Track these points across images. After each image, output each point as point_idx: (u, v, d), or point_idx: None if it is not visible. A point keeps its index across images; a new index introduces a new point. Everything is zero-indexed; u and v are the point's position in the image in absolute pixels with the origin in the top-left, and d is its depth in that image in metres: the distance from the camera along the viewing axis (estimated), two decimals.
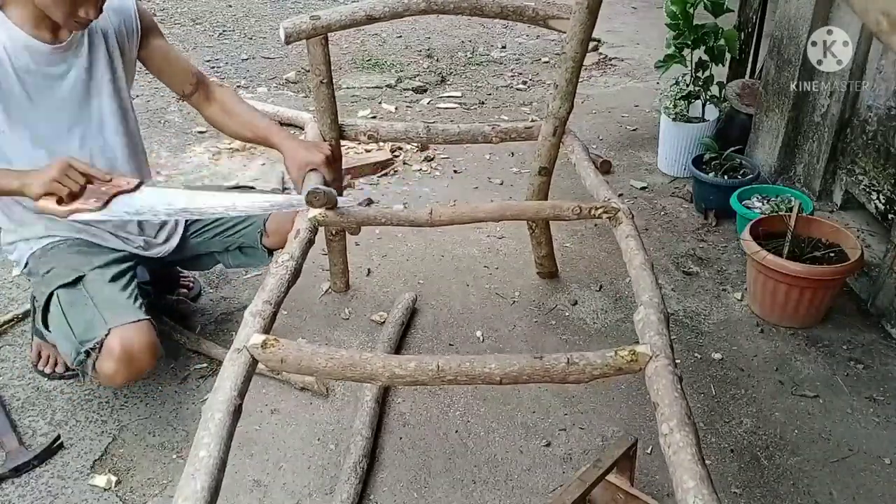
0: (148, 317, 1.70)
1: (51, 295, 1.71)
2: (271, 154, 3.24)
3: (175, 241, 1.96)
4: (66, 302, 1.69)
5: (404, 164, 3.21)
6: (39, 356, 2.00)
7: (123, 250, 1.86)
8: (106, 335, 1.61)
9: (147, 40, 1.84)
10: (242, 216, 1.96)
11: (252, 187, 2.12)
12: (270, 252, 2.00)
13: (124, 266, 1.82)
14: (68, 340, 1.66)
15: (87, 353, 1.63)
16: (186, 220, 1.99)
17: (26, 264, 1.80)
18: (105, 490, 1.68)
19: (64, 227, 1.79)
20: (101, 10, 1.62)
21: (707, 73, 2.94)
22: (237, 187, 2.09)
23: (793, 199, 2.48)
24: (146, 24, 1.84)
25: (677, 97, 2.98)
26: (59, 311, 1.69)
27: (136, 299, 1.74)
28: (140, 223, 1.90)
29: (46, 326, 1.75)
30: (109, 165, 1.82)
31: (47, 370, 1.97)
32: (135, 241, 1.88)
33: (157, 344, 1.69)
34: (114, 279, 1.75)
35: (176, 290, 2.31)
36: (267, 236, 1.96)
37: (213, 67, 4.32)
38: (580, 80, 1.91)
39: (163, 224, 1.95)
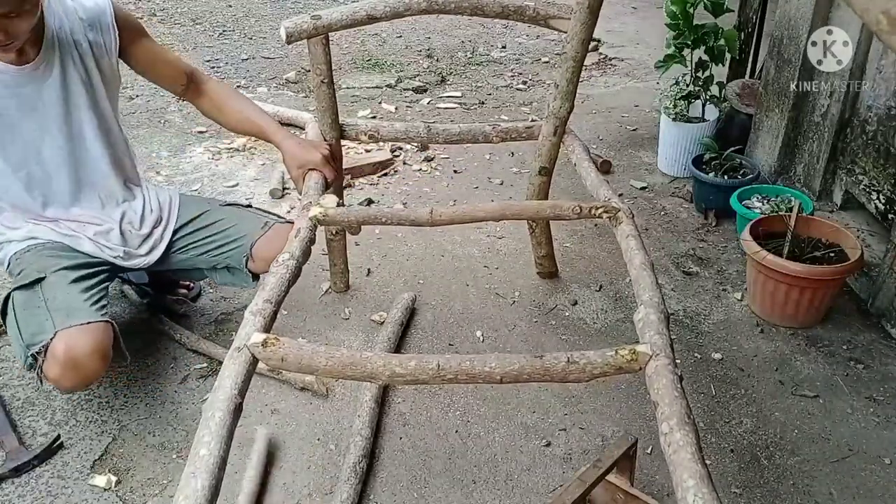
0: (104, 319, 1.65)
1: (8, 297, 1.69)
2: (271, 154, 3.24)
3: (157, 254, 1.93)
4: (20, 304, 1.66)
5: (404, 164, 3.21)
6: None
7: (99, 258, 1.83)
8: (52, 339, 1.57)
9: (130, 44, 1.81)
10: (230, 239, 1.93)
11: (249, 205, 2.10)
12: (255, 277, 1.95)
13: (95, 270, 1.79)
14: (18, 344, 1.63)
15: (35, 358, 1.59)
16: (173, 234, 1.95)
17: (8, 264, 1.80)
18: (105, 490, 1.68)
19: (45, 230, 1.80)
20: (13, 35, 1.54)
21: (707, 73, 2.94)
22: (232, 204, 2.05)
23: (793, 199, 2.48)
24: (127, 26, 1.80)
25: (677, 97, 2.98)
26: (12, 314, 1.67)
27: (96, 302, 1.69)
28: (122, 233, 1.88)
29: (5, 325, 1.72)
30: (91, 177, 1.83)
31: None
32: (114, 251, 1.86)
33: (106, 348, 1.62)
34: (77, 280, 1.71)
35: (175, 290, 2.31)
36: (252, 261, 1.91)
37: (213, 67, 4.32)
38: (580, 80, 1.91)
39: (147, 235, 1.92)
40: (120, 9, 1.81)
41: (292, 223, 1.94)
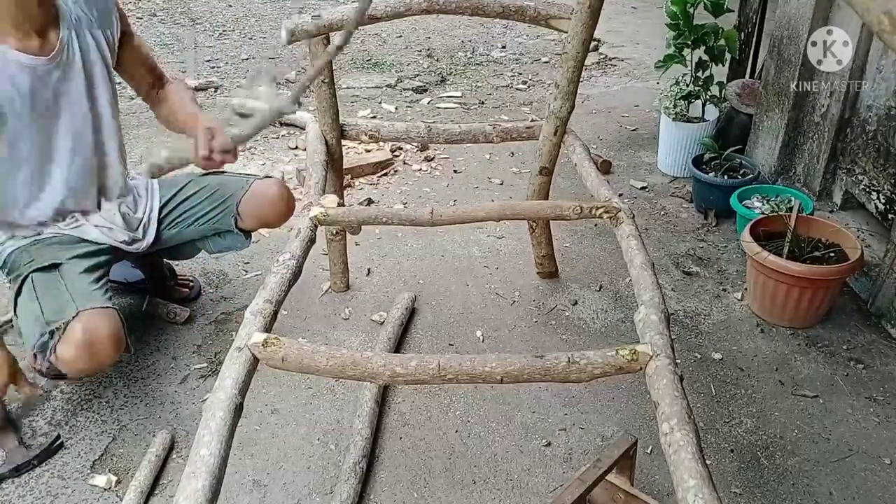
0: (116, 307, 1.69)
1: (25, 278, 1.71)
2: (272, 154, 3.25)
3: (152, 235, 1.96)
4: (40, 283, 1.69)
5: (404, 164, 3.21)
6: (35, 357, 2.00)
7: (104, 243, 1.86)
8: (73, 318, 1.60)
9: (123, 35, 1.83)
10: (215, 203, 1.97)
11: (223, 171, 2.09)
12: (248, 234, 2.01)
13: (100, 259, 1.83)
14: (36, 321, 1.64)
15: (52, 335, 1.62)
16: (160, 212, 1.99)
17: (5, 263, 1.79)
18: (105, 490, 1.68)
19: (54, 228, 1.81)
20: None
21: (707, 73, 2.94)
22: (209, 173, 2.07)
23: (793, 199, 2.48)
24: (123, 18, 1.83)
25: (677, 97, 2.98)
26: (31, 293, 1.69)
27: (105, 291, 1.74)
28: (125, 218, 1.91)
29: (15, 311, 1.74)
30: (102, 162, 1.84)
31: (47, 369, 1.97)
32: (119, 236, 1.89)
33: (121, 335, 1.66)
34: (87, 270, 1.75)
35: (176, 289, 2.30)
36: (241, 220, 1.96)
37: (213, 67, 4.32)
38: (580, 80, 1.91)
39: (141, 218, 1.97)
40: (117, 1, 1.83)
41: (270, 177, 2.06)
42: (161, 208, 1.99)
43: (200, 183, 2.00)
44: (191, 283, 2.33)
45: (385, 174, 3.12)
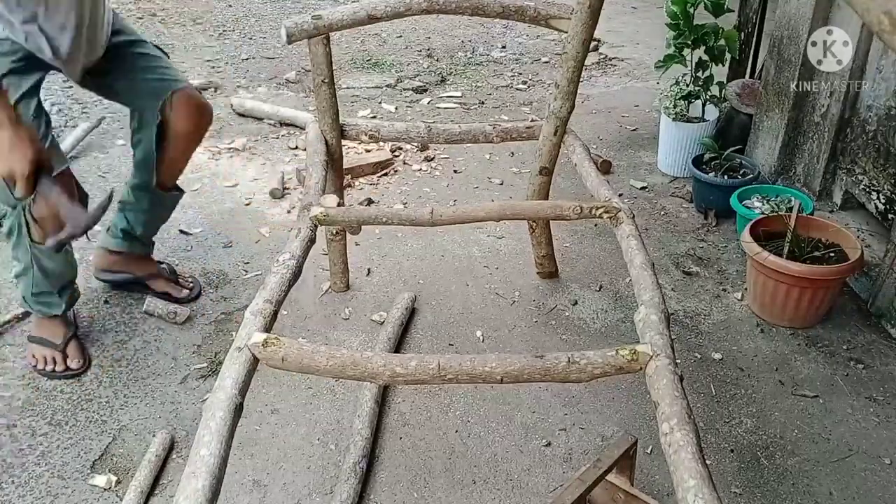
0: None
1: None
2: (271, 154, 3.24)
3: (99, 52, 1.95)
4: None
5: (404, 164, 3.21)
6: (35, 357, 2.00)
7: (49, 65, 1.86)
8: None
9: None
10: (160, 74, 1.99)
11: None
12: (160, 127, 2.00)
13: (33, 79, 1.85)
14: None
15: (23, 210, 1.76)
16: (113, 37, 1.98)
17: None
18: (105, 490, 1.68)
19: (12, 32, 1.79)
20: None
21: (707, 73, 2.94)
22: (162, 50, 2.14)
23: (793, 199, 2.48)
24: None
25: (677, 97, 2.98)
26: None
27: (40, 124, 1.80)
28: (72, 40, 1.87)
29: None
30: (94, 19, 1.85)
31: (48, 369, 1.98)
32: (59, 59, 1.86)
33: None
34: (25, 97, 1.78)
35: (175, 289, 2.30)
36: (170, 106, 1.97)
37: (213, 67, 4.32)
38: (580, 79, 1.91)
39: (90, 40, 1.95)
40: None
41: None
42: (115, 41, 1.98)
43: (156, 50, 2.05)
44: (191, 284, 2.33)
45: (385, 174, 3.12)
